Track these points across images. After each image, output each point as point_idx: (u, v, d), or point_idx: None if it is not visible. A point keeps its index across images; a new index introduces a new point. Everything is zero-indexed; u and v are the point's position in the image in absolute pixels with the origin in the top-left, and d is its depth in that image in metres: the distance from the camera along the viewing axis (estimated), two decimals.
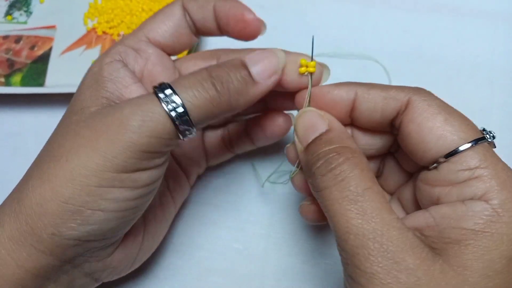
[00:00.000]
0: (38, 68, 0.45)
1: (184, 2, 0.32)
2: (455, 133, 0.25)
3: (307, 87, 0.30)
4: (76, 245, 0.26)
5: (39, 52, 0.46)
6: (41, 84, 0.44)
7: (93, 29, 0.48)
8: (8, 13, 0.49)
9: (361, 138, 0.31)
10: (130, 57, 0.31)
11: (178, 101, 0.25)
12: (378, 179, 0.30)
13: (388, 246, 0.23)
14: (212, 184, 0.41)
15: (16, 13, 0.49)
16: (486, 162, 0.24)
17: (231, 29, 0.31)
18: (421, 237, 0.24)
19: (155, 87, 0.26)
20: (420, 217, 0.26)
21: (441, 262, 0.23)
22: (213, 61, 0.34)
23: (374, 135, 0.31)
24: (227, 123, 0.38)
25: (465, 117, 0.27)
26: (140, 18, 0.47)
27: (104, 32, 0.47)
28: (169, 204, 0.36)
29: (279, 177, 0.40)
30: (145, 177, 0.27)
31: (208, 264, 0.38)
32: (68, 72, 0.45)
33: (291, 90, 0.31)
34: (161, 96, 0.26)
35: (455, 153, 0.25)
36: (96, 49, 0.46)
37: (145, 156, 0.26)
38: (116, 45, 0.31)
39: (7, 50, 0.46)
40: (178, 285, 0.38)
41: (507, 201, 0.23)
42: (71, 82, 0.43)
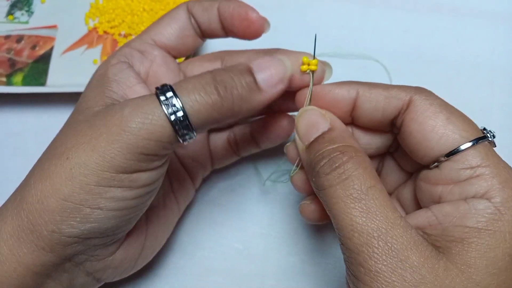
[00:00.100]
0: (39, 67, 0.45)
1: (189, 5, 0.33)
2: (457, 132, 0.25)
3: (308, 86, 0.30)
4: (76, 242, 0.26)
5: (41, 51, 0.46)
6: (43, 83, 0.44)
7: (94, 28, 0.48)
8: (9, 12, 0.49)
9: (360, 138, 0.31)
10: (135, 58, 0.31)
11: (178, 105, 0.25)
12: None
13: (393, 244, 0.23)
14: (213, 183, 0.41)
15: (18, 13, 0.49)
16: (488, 161, 0.25)
17: (236, 28, 0.32)
18: (424, 236, 0.24)
19: (157, 89, 0.26)
20: (422, 216, 0.26)
21: (445, 260, 0.23)
22: (218, 63, 0.34)
23: (373, 135, 0.31)
24: (232, 126, 0.38)
25: (466, 116, 0.27)
26: (141, 17, 0.47)
27: (105, 32, 0.47)
28: (173, 206, 0.36)
29: (280, 176, 0.40)
30: (145, 178, 0.27)
31: (209, 263, 0.38)
32: (70, 72, 0.45)
33: (292, 89, 0.31)
34: (162, 99, 0.25)
35: (456, 152, 0.25)
36: (97, 49, 0.46)
37: (144, 158, 0.26)
38: (122, 47, 0.32)
39: (9, 50, 0.46)
40: (178, 285, 0.38)
41: (509, 199, 0.24)
42: (73, 82, 0.44)
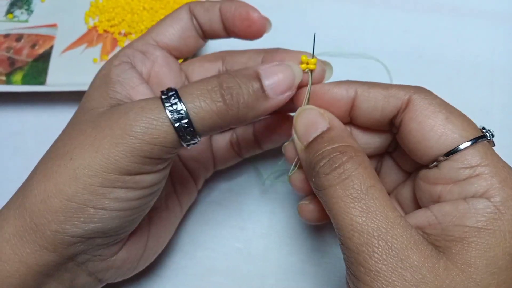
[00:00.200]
0: (39, 66, 0.45)
1: (191, 6, 0.33)
2: (456, 131, 0.25)
3: (307, 85, 0.30)
4: (79, 242, 0.27)
5: (40, 50, 0.46)
6: (42, 82, 0.44)
7: (94, 27, 0.48)
8: (9, 11, 0.49)
9: (359, 137, 0.31)
10: (137, 59, 0.31)
11: (183, 112, 0.25)
12: None
13: (393, 243, 0.23)
14: (214, 183, 0.41)
15: (17, 12, 0.49)
16: (487, 160, 0.25)
17: (237, 28, 0.32)
18: (424, 235, 0.24)
19: (162, 93, 0.26)
20: (421, 215, 0.26)
21: (445, 259, 0.23)
22: (219, 63, 0.34)
23: (372, 134, 0.31)
24: (235, 128, 0.38)
25: (465, 116, 0.27)
26: (141, 16, 0.47)
27: (105, 31, 0.47)
28: (175, 207, 0.36)
29: (279, 175, 0.40)
30: (148, 179, 0.27)
31: (210, 263, 0.38)
32: (69, 71, 0.45)
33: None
34: (167, 104, 0.25)
35: (455, 151, 0.25)
36: (97, 48, 0.46)
37: (148, 161, 0.26)
38: (125, 48, 0.32)
39: (8, 49, 0.46)
40: (179, 285, 0.38)
41: (508, 198, 0.24)
42: (72, 81, 0.44)
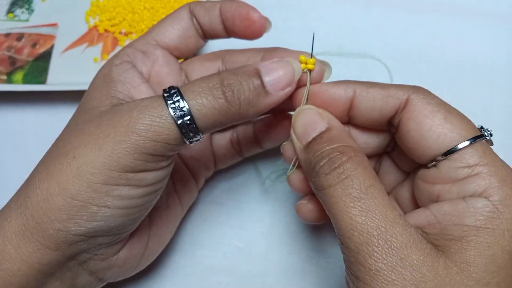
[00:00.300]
0: (39, 66, 0.45)
1: (191, 6, 0.33)
2: (455, 130, 0.25)
3: (305, 85, 0.30)
4: (82, 241, 0.27)
5: (41, 50, 0.46)
6: (43, 82, 0.44)
7: (95, 27, 0.48)
8: (10, 10, 0.49)
9: (358, 137, 0.31)
10: (138, 58, 0.32)
11: (185, 109, 0.26)
12: None
13: (392, 242, 0.23)
14: (214, 183, 0.41)
15: (18, 11, 0.49)
16: (486, 159, 0.25)
17: (237, 28, 0.32)
18: (423, 234, 0.24)
19: (164, 91, 0.26)
20: (421, 215, 0.26)
21: (444, 258, 0.23)
22: (219, 62, 0.34)
23: (370, 134, 0.31)
24: (235, 126, 0.38)
25: (464, 115, 0.27)
26: (142, 16, 0.47)
27: (106, 30, 0.47)
28: (176, 206, 0.36)
29: (279, 175, 0.40)
30: (151, 177, 0.27)
31: (210, 262, 0.38)
32: (70, 70, 0.45)
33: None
34: (169, 102, 0.26)
35: (454, 151, 0.25)
36: (98, 47, 0.46)
37: (151, 158, 0.26)
38: (125, 48, 0.32)
39: (9, 48, 0.46)
40: (180, 284, 0.38)
41: (507, 197, 0.24)
42: (73, 80, 0.44)
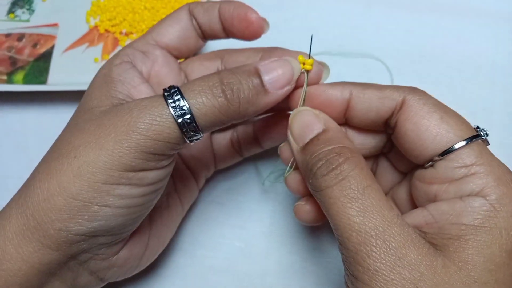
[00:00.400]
0: (40, 66, 0.45)
1: (191, 7, 0.33)
2: (451, 131, 0.26)
3: (302, 86, 0.30)
4: (83, 240, 0.27)
5: (42, 50, 0.46)
6: (43, 82, 0.44)
7: (96, 27, 0.48)
8: (10, 11, 0.49)
9: (354, 138, 0.31)
10: (137, 58, 0.32)
11: (186, 108, 0.26)
12: None
13: (390, 242, 0.23)
14: (214, 183, 0.41)
15: (19, 11, 0.49)
16: (482, 159, 0.25)
17: (235, 29, 0.32)
18: (421, 234, 0.25)
19: (164, 90, 0.27)
20: (418, 215, 0.26)
21: (442, 257, 0.23)
22: (218, 61, 0.34)
23: (367, 135, 0.31)
24: (235, 126, 0.38)
25: (460, 115, 0.27)
26: (142, 16, 0.47)
27: (106, 30, 0.47)
28: (177, 206, 0.36)
29: (278, 176, 0.40)
30: (152, 176, 0.27)
31: (210, 262, 0.38)
32: (71, 70, 0.45)
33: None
34: (169, 101, 0.26)
35: (450, 151, 0.25)
36: (99, 47, 0.46)
37: (151, 157, 0.26)
38: (125, 48, 0.32)
39: (10, 48, 0.46)
40: (180, 284, 0.38)
41: (504, 196, 0.24)
42: (74, 80, 0.44)
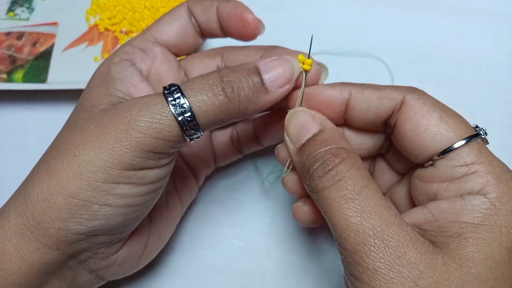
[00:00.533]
0: (40, 64, 0.45)
1: (190, 4, 0.33)
2: (451, 130, 0.26)
3: (300, 86, 0.30)
4: (82, 240, 0.27)
5: (41, 48, 0.46)
6: (43, 80, 0.44)
7: (95, 26, 0.48)
8: (10, 9, 0.49)
9: (351, 139, 0.31)
10: (137, 56, 0.32)
11: (186, 105, 0.26)
12: None
13: (389, 241, 0.23)
14: (214, 181, 0.41)
15: (18, 10, 0.49)
16: (482, 158, 0.25)
17: (232, 28, 0.32)
18: (420, 232, 0.25)
19: (164, 88, 0.26)
20: (418, 213, 0.26)
21: (442, 255, 0.23)
22: (218, 59, 0.34)
23: (365, 136, 0.31)
24: (235, 123, 0.38)
25: (459, 115, 0.27)
26: (142, 14, 0.47)
27: (106, 29, 0.47)
28: (176, 204, 0.36)
29: (277, 176, 0.40)
30: (152, 175, 0.27)
31: (210, 261, 0.38)
32: (70, 69, 0.45)
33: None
34: (170, 99, 0.26)
35: (450, 150, 0.25)
36: (98, 46, 0.46)
37: (152, 156, 0.26)
38: (124, 45, 0.32)
39: (9, 47, 0.46)
40: (179, 283, 0.38)
41: (504, 194, 0.24)
42: (73, 79, 0.44)
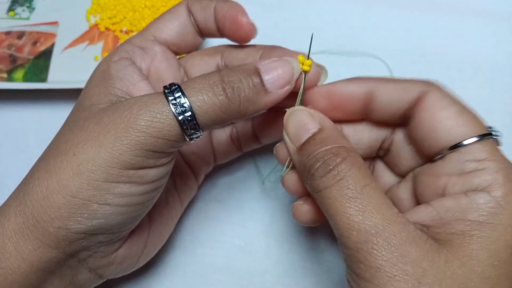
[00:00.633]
0: (40, 64, 0.45)
1: (189, 3, 0.33)
2: (467, 125, 0.26)
3: (301, 86, 0.30)
4: (82, 239, 0.27)
5: (42, 48, 0.46)
6: (43, 80, 0.44)
7: (96, 25, 0.48)
8: (10, 9, 0.49)
9: (349, 137, 0.31)
10: (137, 55, 0.32)
11: (186, 105, 0.26)
12: None
13: (391, 240, 0.23)
14: (214, 180, 0.41)
15: (19, 9, 0.49)
16: (493, 156, 0.25)
17: (227, 30, 0.32)
18: (423, 229, 0.25)
19: (165, 87, 0.26)
20: (422, 211, 0.26)
21: (446, 252, 0.23)
22: (218, 57, 0.34)
23: (363, 134, 0.31)
24: (235, 122, 0.38)
25: (476, 113, 0.27)
26: (142, 14, 0.47)
27: (106, 28, 0.47)
28: (176, 203, 0.36)
29: (279, 176, 0.40)
30: (152, 174, 0.27)
31: (210, 260, 0.38)
32: (71, 68, 0.45)
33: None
34: (170, 98, 0.26)
35: (462, 145, 0.26)
36: (99, 45, 0.46)
37: (152, 155, 0.26)
38: (124, 44, 0.32)
39: (10, 46, 0.46)
40: (179, 282, 0.38)
41: (509, 193, 0.24)
42: (74, 78, 0.44)
